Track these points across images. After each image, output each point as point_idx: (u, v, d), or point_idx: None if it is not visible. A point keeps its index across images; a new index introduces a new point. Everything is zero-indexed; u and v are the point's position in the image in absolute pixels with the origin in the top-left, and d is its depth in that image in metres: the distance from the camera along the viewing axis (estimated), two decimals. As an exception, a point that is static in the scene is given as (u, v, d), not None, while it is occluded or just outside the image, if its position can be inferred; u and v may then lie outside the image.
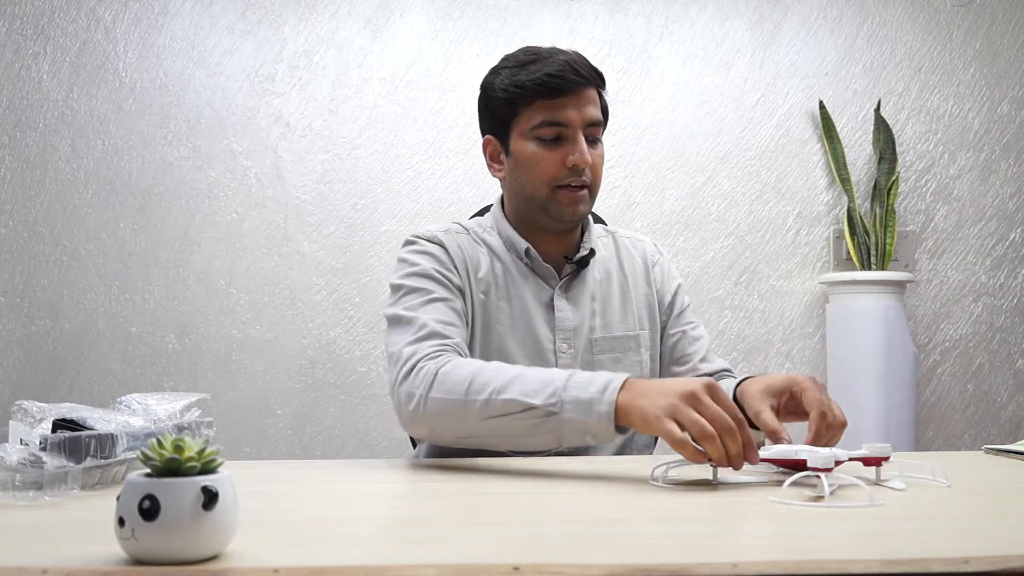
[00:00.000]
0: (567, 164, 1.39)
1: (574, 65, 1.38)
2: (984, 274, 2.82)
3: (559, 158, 1.39)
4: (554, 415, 1.13)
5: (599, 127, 1.43)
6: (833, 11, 2.83)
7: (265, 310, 2.71)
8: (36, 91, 2.70)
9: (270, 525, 0.86)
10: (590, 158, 1.39)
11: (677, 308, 1.56)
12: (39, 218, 2.68)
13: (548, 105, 1.38)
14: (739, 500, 1.04)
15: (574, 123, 1.39)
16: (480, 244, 1.48)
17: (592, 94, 1.41)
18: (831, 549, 0.74)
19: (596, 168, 1.43)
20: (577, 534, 0.82)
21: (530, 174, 1.42)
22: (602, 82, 1.43)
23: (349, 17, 2.75)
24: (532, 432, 1.15)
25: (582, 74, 1.38)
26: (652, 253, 1.59)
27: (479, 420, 1.18)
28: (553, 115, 1.38)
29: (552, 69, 1.37)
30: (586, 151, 1.39)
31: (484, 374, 1.19)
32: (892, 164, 2.71)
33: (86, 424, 1.04)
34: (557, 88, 1.37)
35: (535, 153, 1.40)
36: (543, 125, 1.39)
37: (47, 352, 2.67)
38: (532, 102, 1.39)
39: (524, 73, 1.39)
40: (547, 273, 1.47)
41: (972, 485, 1.11)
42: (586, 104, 1.40)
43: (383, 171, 2.74)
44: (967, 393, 2.82)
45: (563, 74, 1.37)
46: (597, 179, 1.44)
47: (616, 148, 2.77)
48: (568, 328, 1.46)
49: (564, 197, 1.41)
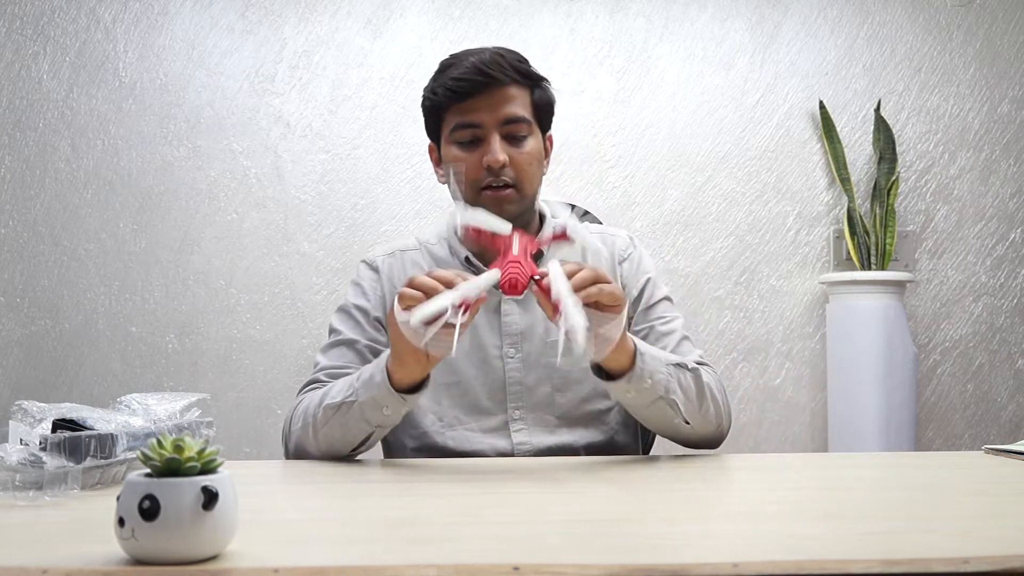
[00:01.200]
0: (483, 165, 1.36)
1: (483, 66, 1.35)
2: (984, 274, 2.82)
3: (477, 160, 1.37)
4: (353, 403, 1.27)
5: (520, 124, 1.38)
6: (833, 11, 2.83)
7: (265, 310, 2.71)
8: (36, 91, 2.70)
9: (270, 525, 0.86)
10: (503, 156, 1.35)
11: (645, 302, 1.49)
12: (39, 218, 2.68)
13: (460, 108, 1.37)
14: (739, 500, 1.04)
15: (486, 123, 1.36)
16: (425, 262, 1.48)
17: (509, 92, 1.37)
18: (831, 549, 0.74)
19: (520, 165, 1.38)
20: (577, 534, 0.82)
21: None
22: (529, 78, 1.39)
23: (349, 17, 2.75)
24: (347, 425, 1.29)
25: (490, 74, 1.35)
26: (624, 248, 1.52)
27: (318, 437, 1.32)
28: (464, 117, 1.37)
29: (458, 72, 1.36)
30: (498, 150, 1.35)
31: (315, 398, 1.34)
32: (892, 164, 2.72)
33: (86, 424, 1.04)
34: (464, 92, 1.36)
35: (456, 157, 1.39)
36: (457, 128, 1.38)
37: (47, 352, 2.67)
38: (448, 107, 1.38)
39: (439, 79, 1.39)
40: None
41: (972, 485, 1.11)
42: (500, 104, 1.36)
43: (383, 171, 2.74)
44: (967, 393, 2.82)
45: (468, 76, 1.35)
46: (524, 176, 1.39)
47: (616, 148, 2.77)
48: (515, 332, 1.43)
49: (487, 199, 1.37)
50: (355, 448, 1.32)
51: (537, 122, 1.42)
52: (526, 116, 1.39)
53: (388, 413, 1.27)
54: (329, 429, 1.31)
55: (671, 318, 1.48)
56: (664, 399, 1.25)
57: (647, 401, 1.26)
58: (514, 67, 1.37)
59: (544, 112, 1.43)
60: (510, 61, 1.37)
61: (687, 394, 1.28)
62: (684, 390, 1.28)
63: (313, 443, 1.33)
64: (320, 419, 1.31)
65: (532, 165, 1.40)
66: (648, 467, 1.19)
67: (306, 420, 1.34)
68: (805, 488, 1.12)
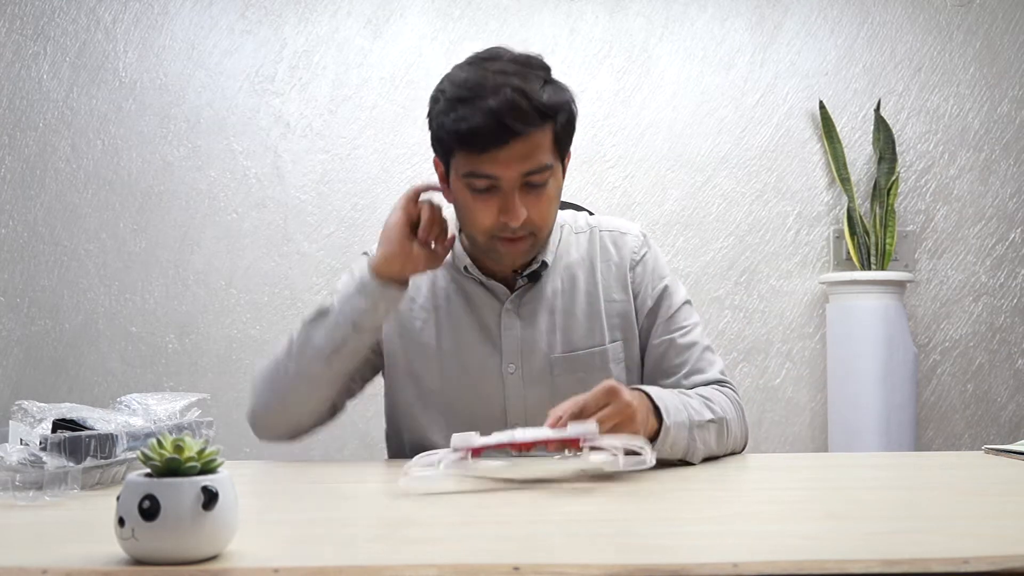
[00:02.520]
0: (500, 219, 1.25)
1: (501, 115, 1.18)
2: (984, 274, 2.82)
3: (492, 210, 1.25)
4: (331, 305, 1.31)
5: (543, 172, 1.24)
6: (833, 11, 2.83)
7: (265, 310, 2.71)
8: (36, 91, 2.70)
9: (270, 525, 0.86)
10: (523, 214, 1.24)
11: (663, 315, 1.39)
12: (39, 218, 2.68)
13: (473, 159, 1.22)
14: (739, 500, 1.04)
15: (504, 178, 1.22)
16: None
17: (531, 140, 1.21)
18: (831, 549, 0.74)
19: (541, 215, 1.27)
20: (577, 534, 0.82)
21: (465, 220, 1.31)
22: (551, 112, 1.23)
23: (349, 17, 2.75)
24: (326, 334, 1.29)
25: (511, 127, 1.19)
26: (636, 250, 1.42)
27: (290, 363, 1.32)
28: (479, 167, 1.22)
29: (475, 121, 1.19)
30: (518, 209, 1.23)
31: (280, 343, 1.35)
32: (892, 164, 2.72)
33: (86, 424, 1.04)
34: (479, 145, 1.21)
35: (468, 202, 1.27)
36: (471, 176, 1.24)
37: (47, 352, 2.67)
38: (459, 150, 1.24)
39: (451, 116, 1.22)
40: (496, 289, 1.37)
41: (972, 485, 1.11)
42: (519, 157, 1.21)
43: (383, 171, 2.74)
44: (967, 393, 2.81)
45: (485, 126, 1.19)
46: (544, 224, 1.29)
47: (616, 148, 2.77)
48: (515, 348, 1.36)
49: (503, 247, 1.29)
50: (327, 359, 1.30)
51: (559, 154, 1.28)
52: (548, 163, 1.24)
53: (365, 305, 1.28)
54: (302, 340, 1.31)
55: (690, 327, 1.40)
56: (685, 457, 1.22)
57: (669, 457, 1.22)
58: (537, 109, 1.21)
59: (567, 138, 1.29)
60: (533, 101, 1.21)
61: (708, 446, 1.24)
62: (706, 444, 1.24)
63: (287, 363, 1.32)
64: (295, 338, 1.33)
65: (552, 207, 1.30)
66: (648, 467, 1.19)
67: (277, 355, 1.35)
68: (805, 488, 1.12)
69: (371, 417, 2.70)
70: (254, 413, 1.39)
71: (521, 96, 1.20)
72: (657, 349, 1.39)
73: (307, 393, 1.34)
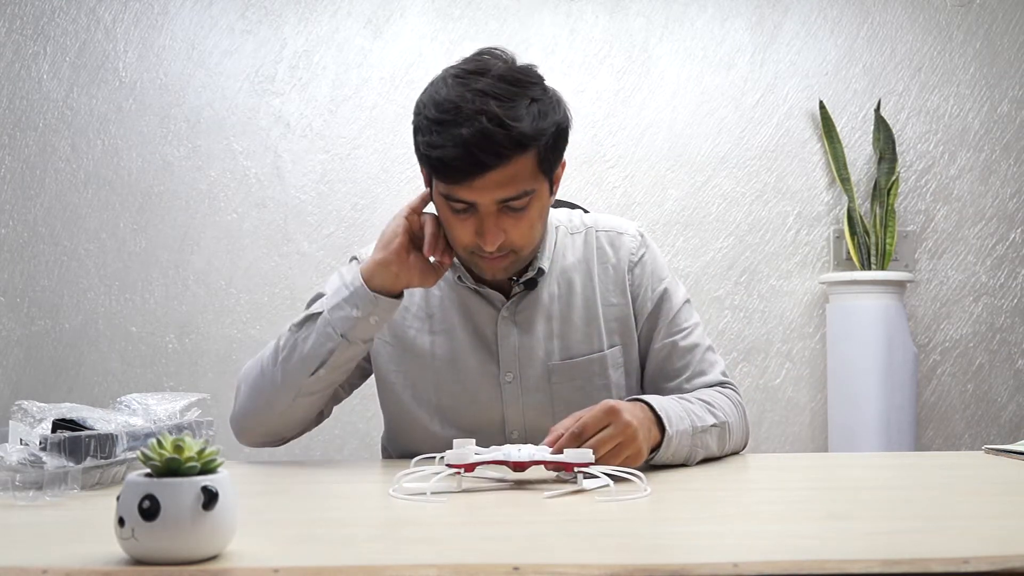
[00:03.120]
0: (476, 240, 1.23)
1: (473, 150, 1.14)
2: (984, 274, 2.82)
3: (470, 230, 1.22)
4: (319, 314, 1.26)
5: (522, 198, 1.20)
6: (833, 11, 2.82)
7: (265, 310, 2.71)
8: (36, 91, 2.70)
9: (270, 525, 0.86)
10: (500, 238, 1.21)
11: (664, 318, 1.38)
12: (39, 218, 2.68)
13: (449, 185, 1.20)
14: (739, 500, 1.04)
15: (479, 202, 1.19)
16: None
17: (508, 170, 1.16)
18: (831, 549, 0.74)
19: (521, 236, 1.24)
20: (577, 534, 0.82)
21: (448, 233, 1.27)
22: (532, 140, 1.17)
23: (349, 17, 2.75)
24: (314, 343, 1.25)
25: (483, 160, 1.15)
26: (634, 251, 1.39)
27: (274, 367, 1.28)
28: (454, 192, 1.20)
29: (447, 153, 1.16)
30: (494, 233, 1.20)
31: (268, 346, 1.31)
32: (892, 164, 2.71)
33: (86, 424, 1.04)
34: (451, 176, 1.18)
35: (448, 217, 1.24)
36: (448, 198, 1.22)
37: (47, 352, 2.67)
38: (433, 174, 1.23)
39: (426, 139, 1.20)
40: (492, 296, 1.35)
41: (972, 485, 1.11)
42: (495, 185, 1.17)
43: (383, 171, 2.74)
44: (967, 393, 2.81)
45: (457, 162, 1.16)
46: (524, 244, 1.26)
47: (616, 148, 2.77)
48: (512, 356, 1.34)
49: (482, 263, 1.27)
50: (313, 371, 1.26)
51: (544, 176, 1.23)
52: (528, 188, 1.20)
53: (356, 315, 1.23)
54: (289, 350, 1.26)
55: (691, 328, 1.39)
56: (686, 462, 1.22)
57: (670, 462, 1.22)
58: (515, 139, 1.16)
59: (555, 156, 1.24)
60: (512, 131, 1.15)
61: (709, 449, 1.25)
62: (707, 448, 1.24)
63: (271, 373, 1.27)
64: (281, 344, 1.27)
65: (534, 228, 1.26)
66: (648, 468, 1.19)
67: (263, 359, 1.30)
68: (805, 488, 1.12)
69: (371, 417, 2.70)
70: (237, 419, 1.36)
71: (497, 125, 1.15)
72: (659, 353, 1.38)
73: (293, 403, 1.30)
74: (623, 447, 1.09)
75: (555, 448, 1.07)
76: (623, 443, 1.09)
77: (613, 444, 1.08)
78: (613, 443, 1.08)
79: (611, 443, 1.08)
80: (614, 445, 1.08)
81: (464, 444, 1.07)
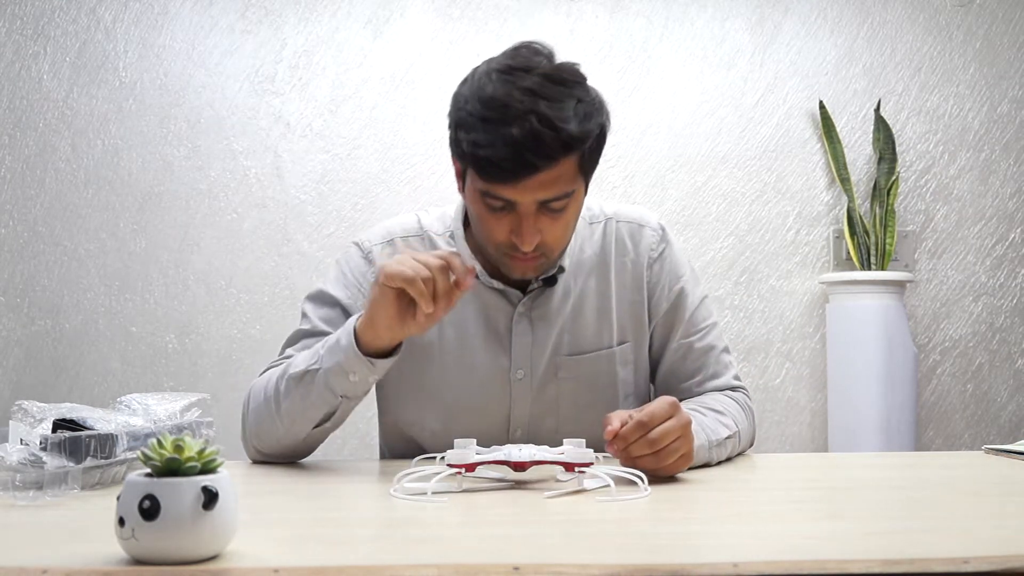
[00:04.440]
0: (512, 238, 1.20)
1: (523, 151, 1.11)
2: (984, 274, 2.82)
3: (505, 228, 1.20)
4: (317, 370, 1.19)
5: (563, 199, 1.18)
6: (833, 11, 2.82)
7: (265, 310, 2.71)
8: (36, 91, 2.70)
9: (270, 525, 0.86)
10: (537, 239, 1.19)
11: (680, 317, 1.37)
12: (39, 218, 2.68)
13: (490, 183, 1.16)
14: (739, 500, 1.04)
15: (520, 202, 1.17)
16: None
17: (553, 172, 1.14)
18: (831, 549, 0.74)
19: (556, 237, 1.22)
20: (577, 534, 0.82)
21: (478, 229, 1.26)
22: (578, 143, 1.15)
23: (349, 17, 2.75)
24: (310, 397, 1.20)
25: (532, 162, 1.12)
26: (654, 246, 1.39)
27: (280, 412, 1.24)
28: (494, 190, 1.17)
29: (495, 152, 1.12)
30: (532, 234, 1.18)
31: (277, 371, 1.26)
32: (892, 164, 2.71)
33: (86, 424, 1.04)
34: (497, 176, 1.15)
35: (482, 214, 1.21)
36: (486, 195, 1.18)
37: (47, 352, 2.67)
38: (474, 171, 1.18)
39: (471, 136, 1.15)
40: (509, 293, 1.33)
41: (972, 485, 1.11)
42: (538, 186, 1.15)
43: (383, 171, 2.74)
44: (967, 393, 2.81)
45: (505, 162, 1.13)
46: (558, 246, 1.25)
47: (616, 148, 2.77)
48: (525, 352, 1.33)
49: (514, 263, 1.24)
50: (317, 424, 1.23)
51: (584, 173, 1.21)
52: (568, 190, 1.18)
53: (355, 380, 1.18)
54: (291, 402, 1.22)
55: (707, 329, 1.38)
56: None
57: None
58: (563, 141, 1.13)
59: (595, 157, 1.23)
60: (561, 133, 1.12)
61: (721, 458, 1.25)
62: (719, 456, 1.25)
63: (276, 418, 1.24)
64: (283, 391, 1.23)
65: (568, 230, 1.25)
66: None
67: (267, 393, 1.25)
68: (805, 488, 1.12)
69: (371, 417, 2.69)
70: (248, 446, 1.33)
71: (547, 127, 1.12)
72: (675, 353, 1.37)
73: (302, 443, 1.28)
74: (683, 442, 1.08)
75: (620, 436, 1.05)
76: (683, 438, 1.08)
77: (675, 437, 1.06)
78: (675, 436, 1.06)
79: (673, 435, 1.06)
80: (675, 438, 1.06)
81: (465, 444, 1.07)
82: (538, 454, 1.05)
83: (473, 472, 1.04)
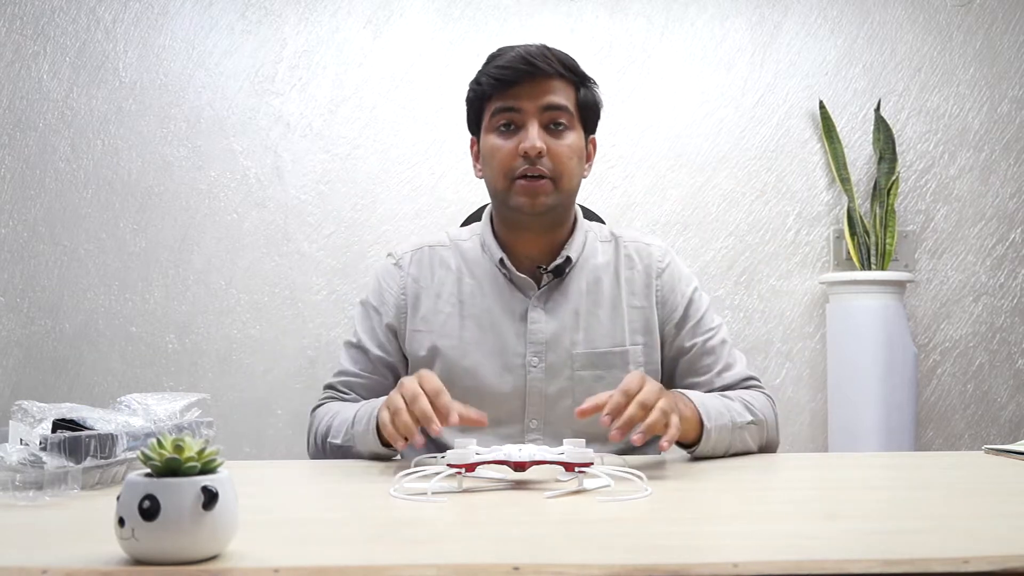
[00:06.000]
0: (520, 152, 1.35)
1: (528, 56, 1.36)
2: (984, 274, 2.82)
3: (513, 147, 1.36)
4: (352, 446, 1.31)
5: (560, 112, 1.37)
6: (833, 11, 2.83)
7: (265, 310, 2.71)
8: (36, 91, 2.70)
9: (270, 525, 0.86)
10: (540, 144, 1.35)
11: (692, 319, 1.47)
12: (39, 218, 2.68)
13: (503, 95, 1.37)
14: (739, 500, 1.04)
15: (526, 108, 1.36)
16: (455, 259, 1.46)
17: (552, 84, 1.37)
18: (830, 549, 0.74)
19: (558, 156, 1.37)
20: (577, 534, 0.82)
21: (490, 167, 1.40)
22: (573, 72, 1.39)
23: (349, 17, 2.75)
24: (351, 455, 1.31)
25: (535, 64, 1.36)
26: (659, 260, 1.49)
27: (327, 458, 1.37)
28: (505, 101, 1.37)
29: (503, 61, 1.37)
30: (536, 136, 1.35)
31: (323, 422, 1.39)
32: (892, 164, 2.71)
33: (86, 424, 1.04)
34: (507, 79, 1.36)
35: (493, 145, 1.39)
36: (497, 112, 1.38)
37: (47, 352, 2.67)
38: (491, 96, 1.39)
39: (484, 69, 1.40)
40: (524, 283, 1.43)
41: (972, 485, 1.11)
42: (542, 92, 1.36)
43: (383, 171, 2.74)
44: (967, 393, 2.81)
45: (513, 65, 1.36)
46: (562, 169, 1.38)
47: (616, 148, 2.77)
48: (540, 341, 1.41)
49: (520, 188, 1.37)
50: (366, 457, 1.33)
51: (580, 119, 1.41)
52: (567, 106, 1.38)
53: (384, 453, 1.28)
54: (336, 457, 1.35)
55: (716, 329, 1.48)
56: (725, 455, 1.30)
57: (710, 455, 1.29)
58: (560, 60, 1.38)
59: (588, 111, 1.43)
60: (557, 55, 1.39)
61: (746, 444, 1.33)
62: (744, 443, 1.32)
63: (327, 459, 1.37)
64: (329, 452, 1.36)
65: (571, 159, 1.39)
66: (648, 467, 1.19)
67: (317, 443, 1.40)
68: (805, 488, 1.12)
69: (371, 417, 2.70)
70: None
71: (547, 48, 1.39)
72: (690, 351, 1.45)
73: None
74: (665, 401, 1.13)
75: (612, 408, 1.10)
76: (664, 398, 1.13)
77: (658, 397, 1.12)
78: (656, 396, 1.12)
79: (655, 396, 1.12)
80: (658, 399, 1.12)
81: (465, 444, 1.07)
82: (538, 454, 1.05)
83: (473, 472, 1.05)
